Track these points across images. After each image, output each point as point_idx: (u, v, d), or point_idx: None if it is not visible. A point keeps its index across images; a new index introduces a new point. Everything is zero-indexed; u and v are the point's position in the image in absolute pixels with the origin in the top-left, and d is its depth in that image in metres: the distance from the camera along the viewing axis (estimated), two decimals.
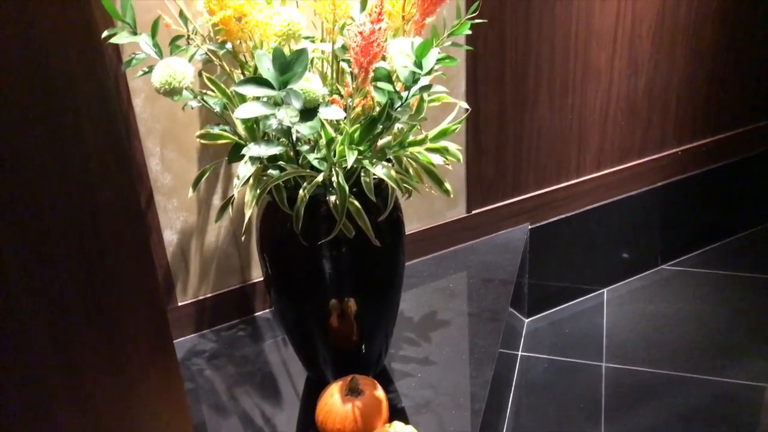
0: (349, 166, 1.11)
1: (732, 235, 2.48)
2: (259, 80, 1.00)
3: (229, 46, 1.20)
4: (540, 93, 1.91)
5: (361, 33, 1.06)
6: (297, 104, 0.99)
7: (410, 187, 1.27)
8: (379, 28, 1.07)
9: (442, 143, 1.26)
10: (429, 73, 1.16)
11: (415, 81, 1.12)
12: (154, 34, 1.13)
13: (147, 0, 1.33)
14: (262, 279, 1.65)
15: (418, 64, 1.10)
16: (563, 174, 2.04)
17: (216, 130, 1.21)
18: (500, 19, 1.76)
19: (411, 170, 1.30)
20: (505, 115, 1.88)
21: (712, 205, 2.39)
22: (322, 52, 1.23)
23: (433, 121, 1.43)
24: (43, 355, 0.61)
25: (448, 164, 1.31)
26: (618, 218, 2.17)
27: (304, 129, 1.04)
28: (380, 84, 1.11)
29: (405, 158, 1.27)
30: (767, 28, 2.23)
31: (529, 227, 2.02)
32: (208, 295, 1.64)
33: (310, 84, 1.06)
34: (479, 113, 1.83)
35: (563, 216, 2.07)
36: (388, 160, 1.28)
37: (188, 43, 1.25)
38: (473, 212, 1.94)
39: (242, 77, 1.22)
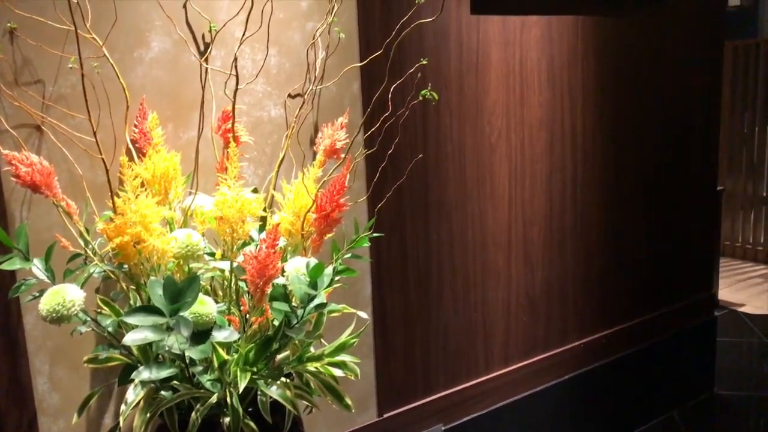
0: (240, 390, 1.09)
1: (644, 424, 2.51)
2: (149, 308, 1.00)
3: (127, 267, 1.21)
4: (443, 293, 1.98)
5: (256, 257, 1.10)
6: (186, 332, 0.99)
7: (310, 404, 1.24)
8: (274, 252, 1.11)
9: (341, 357, 1.27)
10: (330, 285, 1.20)
11: (311, 300, 1.15)
12: (47, 259, 1.13)
13: (50, 219, 1.34)
14: None
15: (313, 285, 1.14)
16: (472, 371, 2.06)
17: (105, 354, 1.17)
18: (401, 227, 1.87)
19: (312, 383, 1.29)
20: (411, 315, 1.92)
21: (619, 396, 2.45)
22: (221, 271, 1.26)
23: (341, 324, 1.44)
24: None
25: (351, 376, 1.31)
26: (529, 414, 2.17)
27: (195, 353, 1.03)
28: (276, 304, 1.13)
29: (305, 372, 1.26)
30: (646, 227, 2.47)
31: (443, 429, 1.98)
32: None
33: (203, 307, 1.07)
34: (386, 315, 1.87)
35: (476, 414, 2.05)
36: (288, 375, 1.27)
37: (86, 263, 1.26)
38: (385, 416, 1.89)
39: (138, 297, 1.22)
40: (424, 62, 1.52)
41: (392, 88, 1.52)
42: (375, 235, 1.47)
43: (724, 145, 4.24)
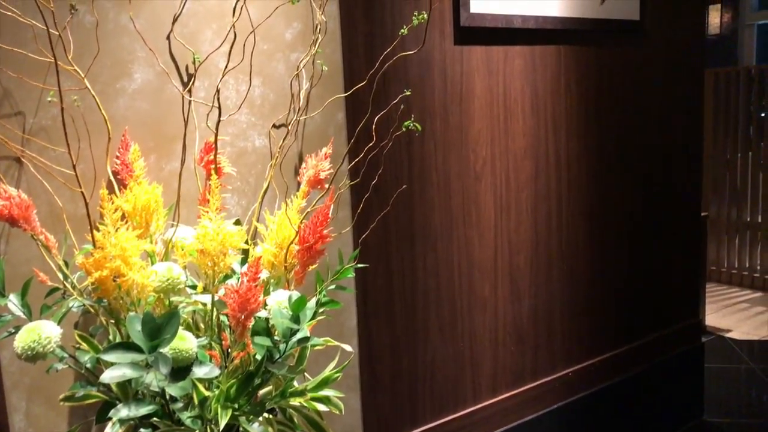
0: (222, 427, 1.06)
1: None
2: (127, 345, 0.98)
3: (106, 301, 1.19)
4: (430, 323, 1.97)
5: (237, 291, 1.09)
6: (165, 369, 0.97)
7: None
8: (256, 286, 1.10)
9: (325, 392, 1.25)
10: (313, 317, 1.19)
11: (293, 334, 1.13)
12: (24, 294, 1.11)
13: (28, 252, 1.32)
14: None
15: (295, 318, 1.13)
16: (460, 402, 2.04)
17: (82, 392, 1.15)
18: (386, 257, 1.86)
19: (296, 419, 1.26)
20: (397, 346, 1.90)
21: (609, 424, 2.42)
22: (203, 304, 1.24)
23: (327, 355, 1.42)
24: None
25: (335, 411, 1.28)
26: None
27: (174, 390, 1.01)
28: (258, 339, 1.11)
29: (289, 408, 1.24)
30: (632, 254, 2.47)
31: None
32: None
33: (183, 343, 1.05)
34: (372, 346, 1.85)
35: None
36: (271, 410, 1.24)
37: (64, 297, 1.23)
38: None
39: (118, 332, 1.20)
40: (408, 93, 1.52)
41: (377, 119, 1.53)
42: (360, 265, 1.46)
43: (708, 171, 4.28)
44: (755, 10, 4.91)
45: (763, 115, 4.27)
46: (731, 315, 3.85)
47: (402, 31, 1.44)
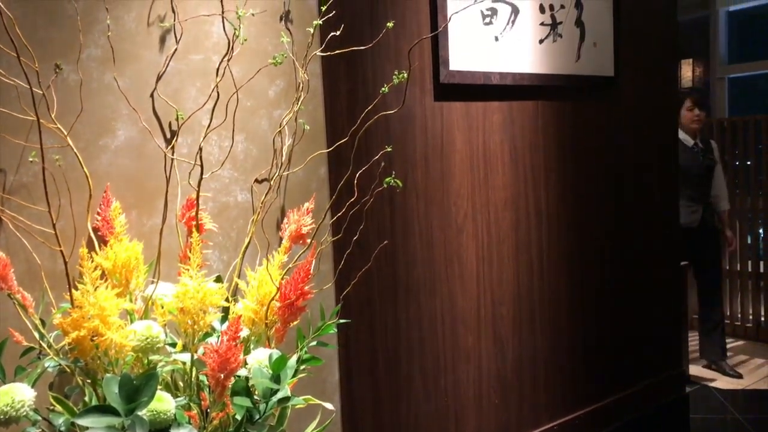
0: None
1: None
2: (103, 408, 0.96)
3: (82, 362, 1.17)
4: (413, 377, 1.95)
5: (216, 350, 1.08)
6: None
7: None
8: (235, 345, 1.09)
9: None
10: (295, 375, 1.17)
11: (273, 393, 1.12)
12: None
13: (4, 310, 1.30)
14: None
15: (276, 378, 1.11)
16: None
17: None
18: (369, 311, 1.85)
19: None
20: (381, 402, 1.88)
21: None
22: (183, 363, 1.22)
23: (309, 412, 1.40)
24: None
25: None
26: None
27: None
28: (237, 399, 1.10)
29: None
30: (614, 303, 2.48)
31: None
32: None
33: (161, 404, 1.03)
34: (354, 402, 1.82)
35: None
36: None
37: (40, 357, 1.21)
38: None
39: (95, 393, 1.17)
40: (389, 149, 1.55)
41: (359, 174, 1.54)
42: (342, 321, 1.45)
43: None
44: (726, 63, 5.08)
45: (737, 163, 4.37)
46: None
47: (383, 90, 1.47)
